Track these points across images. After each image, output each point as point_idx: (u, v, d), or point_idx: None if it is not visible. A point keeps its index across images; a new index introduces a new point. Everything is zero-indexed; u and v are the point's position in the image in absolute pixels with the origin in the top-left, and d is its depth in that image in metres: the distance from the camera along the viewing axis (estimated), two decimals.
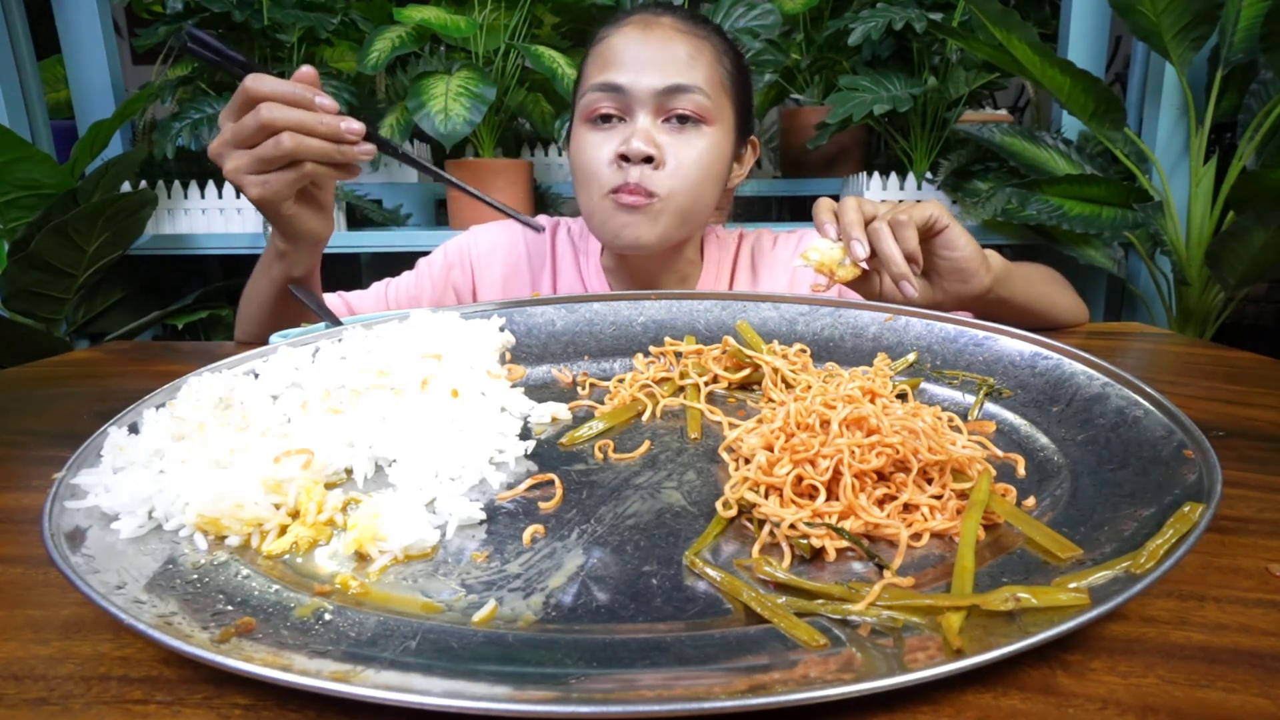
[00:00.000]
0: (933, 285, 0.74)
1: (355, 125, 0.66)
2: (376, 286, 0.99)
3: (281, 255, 0.77)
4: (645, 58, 0.83)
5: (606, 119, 0.84)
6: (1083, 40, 1.72)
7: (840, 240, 0.68)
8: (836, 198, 0.72)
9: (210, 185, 1.80)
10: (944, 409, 0.47)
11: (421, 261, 1.01)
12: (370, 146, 0.68)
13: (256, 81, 0.65)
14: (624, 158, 0.82)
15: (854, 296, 0.95)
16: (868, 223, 0.68)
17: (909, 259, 0.67)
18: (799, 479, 0.38)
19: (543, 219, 1.04)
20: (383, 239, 1.79)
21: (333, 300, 0.93)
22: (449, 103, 1.56)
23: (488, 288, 0.99)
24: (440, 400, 0.46)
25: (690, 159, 0.83)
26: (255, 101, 0.65)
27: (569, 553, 0.35)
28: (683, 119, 0.83)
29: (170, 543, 0.35)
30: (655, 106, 0.83)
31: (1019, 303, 0.79)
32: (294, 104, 0.65)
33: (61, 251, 1.57)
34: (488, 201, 0.74)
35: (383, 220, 1.92)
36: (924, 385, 0.54)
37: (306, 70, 0.67)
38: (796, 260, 0.69)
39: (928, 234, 0.71)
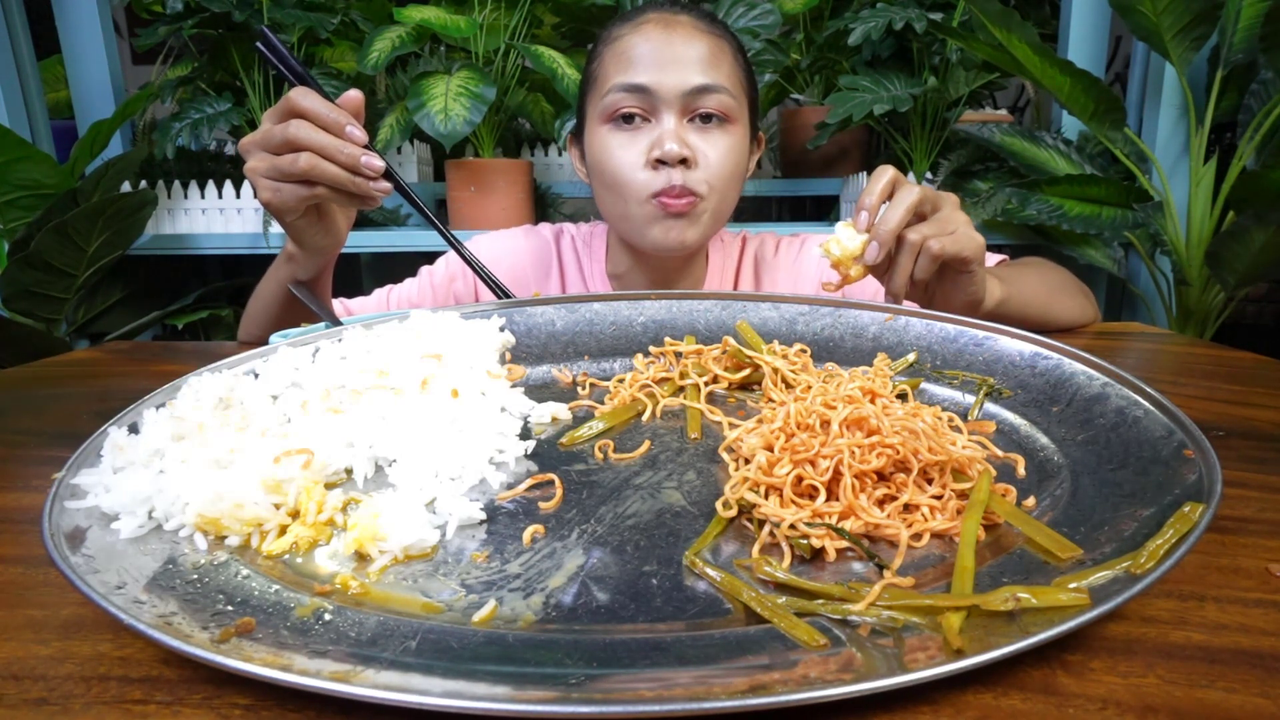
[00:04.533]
0: (927, 293, 0.74)
1: (376, 162, 0.67)
2: (379, 293, 0.99)
3: (290, 258, 0.79)
4: (669, 57, 0.82)
5: (629, 119, 0.83)
6: (1083, 40, 1.72)
7: (865, 234, 0.65)
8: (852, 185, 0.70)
9: (210, 185, 1.80)
10: (944, 409, 0.47)
11: (424, 270, 1.01)
12: (386, 185, 0.69)
13: (299, 96, 0.67)
14: (660, 161, 0.81)
15: (858, 294, 0.94)
16: (914, 221, 0.65)
17: (915, 282, 0.66)
18: (799, 479, 0.38)
19: (545, 227, 1.04)
20: (383, 239, 1.79)
21: (333, 306, 0.93)
22: (449, 103, 1.56)
23: (490, 299, 0.99)
24: (440, 400, 0.46)
25: (719, 158, 0.83)
26: (292, 114, 0.67)
27: (569, 553, 0.35)
28: (706, 118, 0.83)
29: (170, 543, 0.35)
30: (682, 107, 0.82)
31: (1014, 318, 0.79)
32: (325, 127, 0.67)
33: (61, 251, 1.57)
34: (479, 271, 0.76)
35: (383, 220, 1.92)
36: (924, 385, 0.54)
37: (353, 95, 0.69)
38: (816, 249, 0.68)
39: (955, 266, 0.68)
